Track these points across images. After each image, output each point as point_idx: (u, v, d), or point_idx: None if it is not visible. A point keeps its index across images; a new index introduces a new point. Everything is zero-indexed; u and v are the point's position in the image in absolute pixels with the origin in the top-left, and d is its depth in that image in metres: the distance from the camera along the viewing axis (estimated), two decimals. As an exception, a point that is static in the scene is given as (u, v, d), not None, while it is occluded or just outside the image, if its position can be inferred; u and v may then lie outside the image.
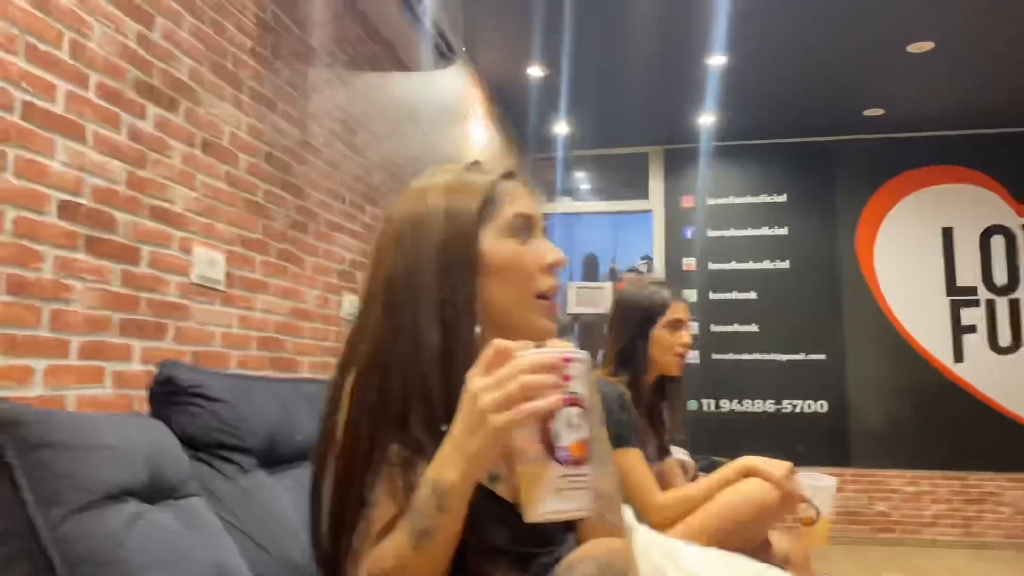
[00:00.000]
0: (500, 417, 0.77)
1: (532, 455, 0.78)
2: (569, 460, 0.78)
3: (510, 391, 0.77)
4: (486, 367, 0.81)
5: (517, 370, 0.78)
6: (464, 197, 0.97)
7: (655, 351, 2.03)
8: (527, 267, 0.97)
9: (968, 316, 5.50)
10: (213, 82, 2.09)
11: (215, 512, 1.27)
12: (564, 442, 0.78)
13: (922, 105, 5.21)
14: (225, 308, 2.12)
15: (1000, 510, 5.28)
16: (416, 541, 0.82)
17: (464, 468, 0.80)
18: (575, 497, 0.78)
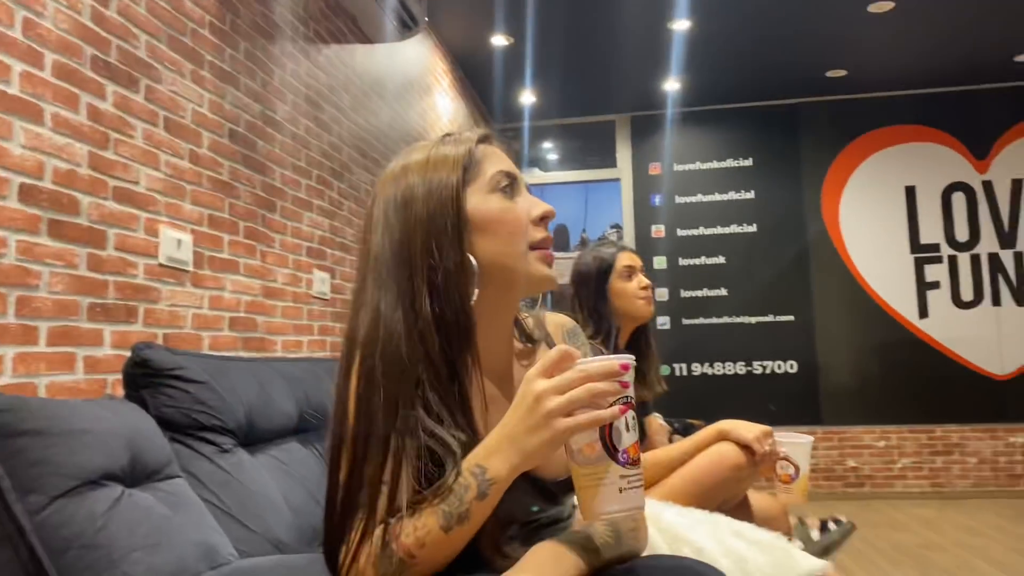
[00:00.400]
0: (567, 421, 0.80)
1: (592, 456, 0.82)
2: (628, 461, 0.82)
3: (578, 397, 0.79)
4: (547, 369, 0.83)
5: (584, 376, 0.80)
6: (444, 165, 0.97)
7: (620, 303, 2.11)
8: (517, 220, 0.97)
9: (931, 272, 5.61)
10: (172, 58, 2.05)
11: (197, 493, 1.26)
12: (624, 444, 0.82)
13: (883, 65, 5.25)
14: (195, 289, 2.09)
15: (966, 460, 5.43)
16: (449, 524, 0.83)
17: (517, 463, 0.83)
18: (634, 496, 0.82)
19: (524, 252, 0.97)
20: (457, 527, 0.84)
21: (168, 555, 1.03)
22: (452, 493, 0.84)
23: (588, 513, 0.83)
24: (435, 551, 0.85)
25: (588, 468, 0.82)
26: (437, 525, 0.84)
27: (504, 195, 0.98)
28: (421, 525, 0.84)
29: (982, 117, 5.64)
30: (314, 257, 2.84)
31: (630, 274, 2.14)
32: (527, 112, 5.95)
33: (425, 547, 0.84)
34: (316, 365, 1.95)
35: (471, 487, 0.84)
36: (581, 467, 0.83)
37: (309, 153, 2.86)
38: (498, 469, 0.83)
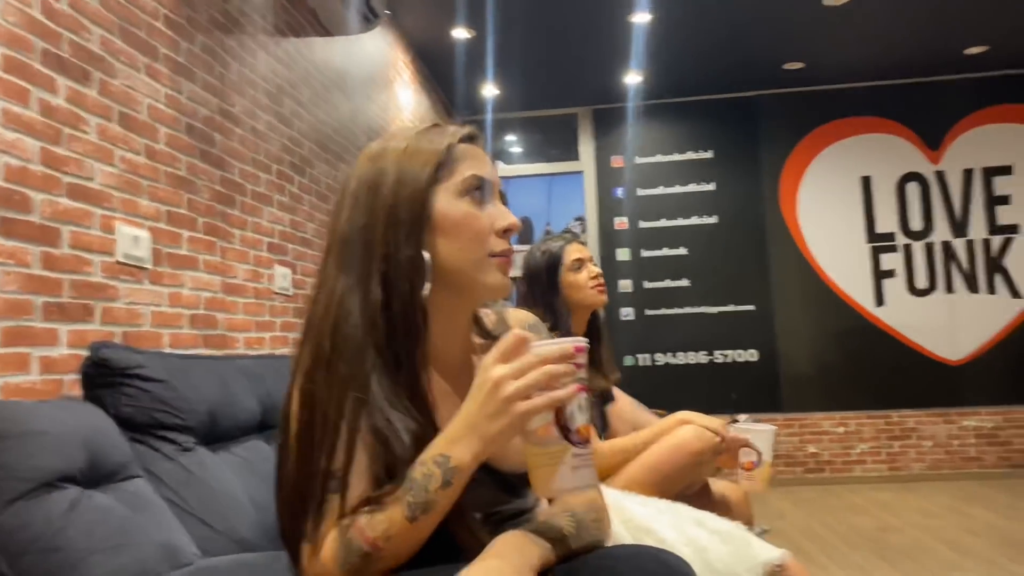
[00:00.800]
0: (525, 404, 0.81)
1: (546, 437, 0.84)
2: (580, 441, 0.84)
3: (534, 380, 0.81)
4: (503, 355, 0.84)
5: (539, 360, 0.82)
6: (419, 158, 0.96)
7: (572, 295, 2.14)
8: (480, 228, 0.97)
9: (887, 261, 5.73)
10: (126, 52, 2.01)
11: (158, 492, 1.25)
12: (576, 425, 0.84)
13: (839, 58, 5.34)
14: (153, 287, 2.07)
15: (922, 444, 5.57)
16: (414, 514, 0.84)
17: (479, 449, 0.84)
18: (585, 475, 0.85)
19: (481, 259, 0.97)
20: (422, 516, 0.85)
21: (129, 556, 1.03)
22: (416, 483, 0.85)
23: (542, 491, 0.86)
24: (400, 542, 0.86)
25: (542, 448, 0.84)
26: (402, 516, 0.85)
27: (472, 200, 0.97)
28: (386, 517, 0.85)
29: (935, 109, 5.76)
30: (275, 252, 2.81)
31: (579, 266, 2.16)
32: (489, 105, 5.94)
33: (391, 539, 0.85)
34: (279, 362, 1.94)
35: (435, 476, 0.84)
36: (535, 447, 0.85)
37: (269, 148, 2.83)
38: (461, 456, 0.84)
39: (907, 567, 3.35)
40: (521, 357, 0.84)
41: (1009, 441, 5.50)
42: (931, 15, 4.66)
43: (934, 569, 3.31)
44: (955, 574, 3.23)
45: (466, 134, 1.01)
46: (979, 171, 5.70)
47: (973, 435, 5.53)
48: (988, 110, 5.72)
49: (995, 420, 5.52)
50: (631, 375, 5.62)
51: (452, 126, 1.02)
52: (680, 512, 1.42)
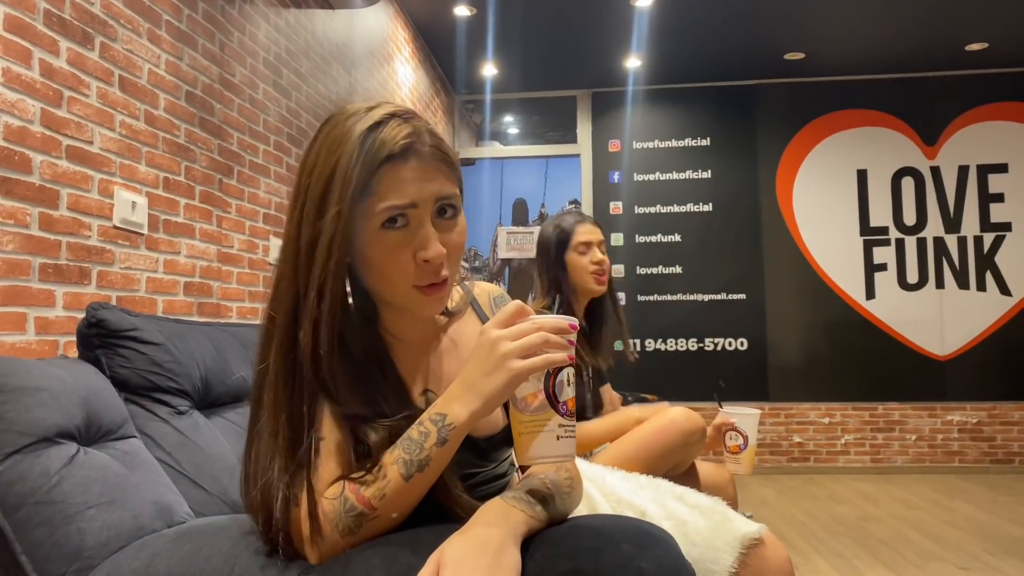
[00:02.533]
0: (521, 363, 0.84)
1: (534, 405, 0.88)
2: (566, 412, 0.89)
3: (531, 342, 0.85)
4: (503, 321, 0.88)
5: (536, 326, 0.86)
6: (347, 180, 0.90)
7: (573, 276, 2.15)
8: (399, 264, 0.93)
9: (880, 255, 5.76)
10: (129, 16, 2.00)
11: (152, 454, 1.27)
12: (564, 397, 0.88)
13: (840, 49, 5.34)
14: (149, 252, 2.07)
15: (905, 437, 5.63)
16: (409, 471, 0.87)
17: (476, 407, 0.87)
18: (568, 445, 0.89)
19: (407, 292, 0.95)
20: (417, 474, 0.87)
21: (124, 512, 1.04)
22: (412, 442, 0.88)
23: (524, 457, 0.89)
24: (395, 501, 0.87)
25: (529, 416, 0.88)
26: (397, 474, 0.87)
27: (393, 232, 0.92)
28: (381, 475, 0.87)
29: (933, 104, 5.78)
30: (271, 224, 2.82)
31: (586, 249, 2.17)
32: (488, 84, 5.93)
33: (385, 498, 0.87)
34: (273, 331, 1.95)
35: (431, 434, 0.87)
36: (522, 414, 0.88)
37: (267, 118, 2.82)
38: (457, 414, 0.87)
39: (887, 556, 3.40)
40: (519, 323, 0.87)
41: (992, 437, 5.56)
42: (933, 10, 4.66)
43: (913, 559, 3.36)
44: (933, 564, 3.28)
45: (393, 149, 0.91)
46: (974, 168, 5.72)
47: (957, 430, 5.59)
48: (986, 107, 5.74)
49: (979, 416, 5.58)
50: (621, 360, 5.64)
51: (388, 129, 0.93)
52: (661, 487, 1.45)
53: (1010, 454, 5.55)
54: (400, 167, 0.92)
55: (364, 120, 0.94)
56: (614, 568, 0.89)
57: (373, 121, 0.93)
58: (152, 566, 0.94)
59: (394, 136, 0.92)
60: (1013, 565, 3.23)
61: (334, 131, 0.95)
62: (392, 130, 0.92)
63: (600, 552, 0.90)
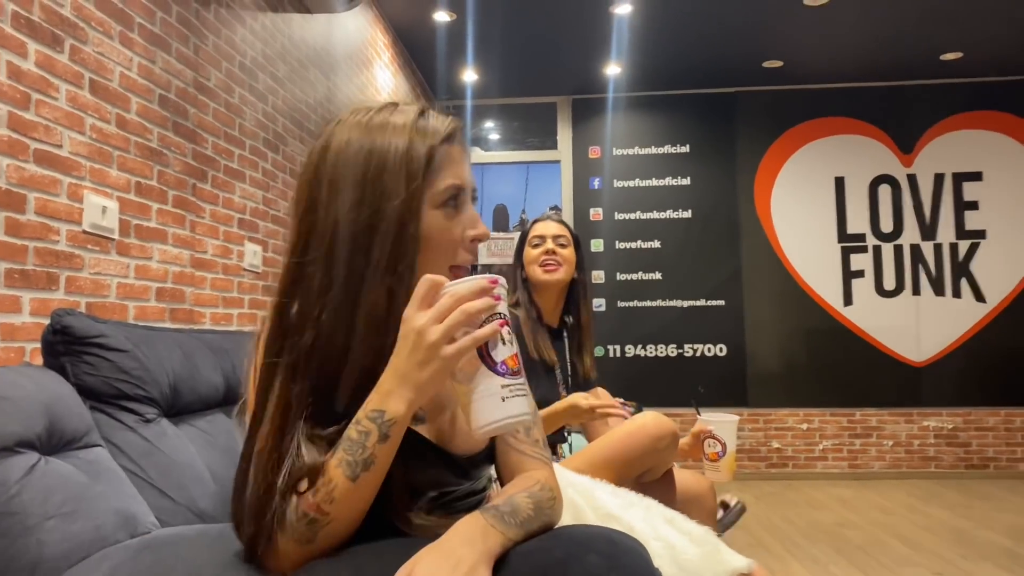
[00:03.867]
0: (450, 348, 0.83)
1: (472, 372, 0.86)
2: (507, 372, 0.86)
3: (455, 320, 0.83)
4: (421, 302, 0.85)
5: (455, 300, 0.84)
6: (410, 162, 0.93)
7: (527, 268, 2.23)
8: (451, 242, 0.96)
9: (857, 262, 5.81)
10: (100, 19, 1.98)
11: (118, 462, 1.24)
12: (501, 357, 0.86)
13: (818, 58, 5.39)
14: (120, 258, 2.04)
15: (882, 443, 5.67)
16: (355, 472, 0.85)
17: (412, 398, 0.85)
18: (517, 404, 0.86)
19: (442, 271, 0.95)
20: (363, 474, 0.85)
21: (85, 523, 1.02)
22: (353, 442, 0.86)
23: (475, 426, 0.86)
24: (345, 503, 0.85)
25: (471, 385, 0.86)
26: (343, 476, 0.85)
27: (447, 211, 0.96)
28: (327, 480, 0.85)
29: (909, 112, 5.84)
30: (246, 229, 2.79)
31: (538, 242, 2.24)
32: (469, 90, 5.93)
33: (335, 501, 0.85)
34: (245, 338, 1.93)
35: (372, 432, 0.85)
36: (463, 385, 0.87)
37: (243, 123, 2.80)
38: (396, 408, 0.85)
39: (863, 562, 3.42)
40: (438, 301, 0.85)
41: (968, 443, 5.61)
42: (909, 20, 4.71)
43: (888, 564, 3.37)
44: (908, 569, 3.29)
45: (448, 133, 0.97)
46: (950, 176, 5.79)
47: (933, 435, 5.64)
48: (961, 116, 5.81)
49: (955, 421, 5.63)
50: (601, 366, 5.64)
51: (434, 117, 0.98)
52: (652, 508, 1.43)
53: (985, 459, 5.60)
54: (452, 150, 0.97)
55: (404, 112, 0.97)
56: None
57: (417, 111, 0.98)
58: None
59: (443, 122, 0.98)
60: (987, 570, 3.26)
61: (371, 122, 0.96)
62: (438, 118, 0.98)
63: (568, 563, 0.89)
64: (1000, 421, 5.61)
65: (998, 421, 5.61)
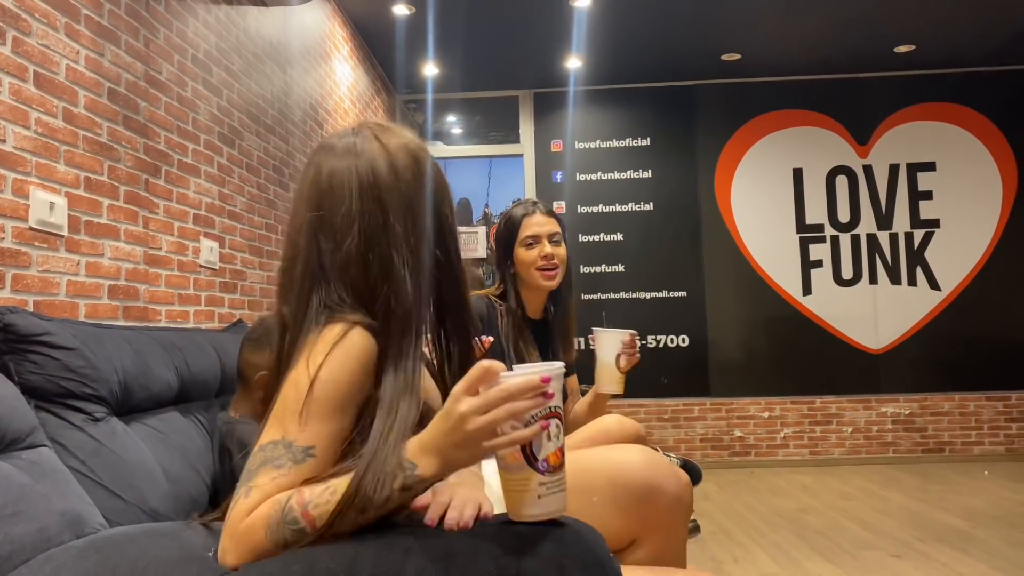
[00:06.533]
0: (489, 443, 0.85)
1: (514, 465, 0.87)
2: (547, 469, 0.87)
3: (497, 417, 0.83)
4: (470, 387, 0.85)
5: (504, 396, 0.84)
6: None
7: (521, 271, 2.13)
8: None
9: (815, 252, 5.89)
10: (44, 10, 1.93)
11: (65, 462, 1.22)
12: (544, 454, 0.87)
13: (774, 51, 5.45)
14: (70, 255, 2.00)
15: (842, 430, 5.76)
16: (367, 507, 0.86)
17: (442, 470, 0.87)
18: (553, 501, 0.88)
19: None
20: (373, 512, 0.87)
21: (28, 525, 1.00)
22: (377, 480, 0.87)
23: (511, 514, 0.90)
24: (340, 528, 0.86)
25: (511, 475, 0.88)
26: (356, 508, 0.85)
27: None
28: (332, 497, 0.86)
29: (864, 104, 5.93)
30: (202, 225, 2.75)
31: (532, 243, 2.14)
32: (430, 84, 5.89)
33: (333, 526, 0.85)
34: (198, 335, 1.90)
35: (397, 477, 0.87)
36: (504, 472, 0.89)
37: (197, 117, 2.76)
38: (426, 468, 0.87)
39: (823, 546, 3.47)
40: (487, 392, 0.85)
41: (924, 427, 5.73)
42: (862, 13, 4.78)
43: (848, 548, 3.43)
44: (867, 552, 3.36)
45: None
46: (904, 166, 5.89)
47: (891, 421, 5.75)
48: (914, 107, 5.91)
49: (911, 407, 5.74)
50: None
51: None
52: None
53: (941, 443, 5.73)
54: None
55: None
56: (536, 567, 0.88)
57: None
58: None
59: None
60: (943, 551, 3.33)
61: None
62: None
63: (522, 551, 0.89)
64: (955, 406, 5.73)
65: (953, 406, 5.73)
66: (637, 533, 1.21)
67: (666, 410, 5.77)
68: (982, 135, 5.87)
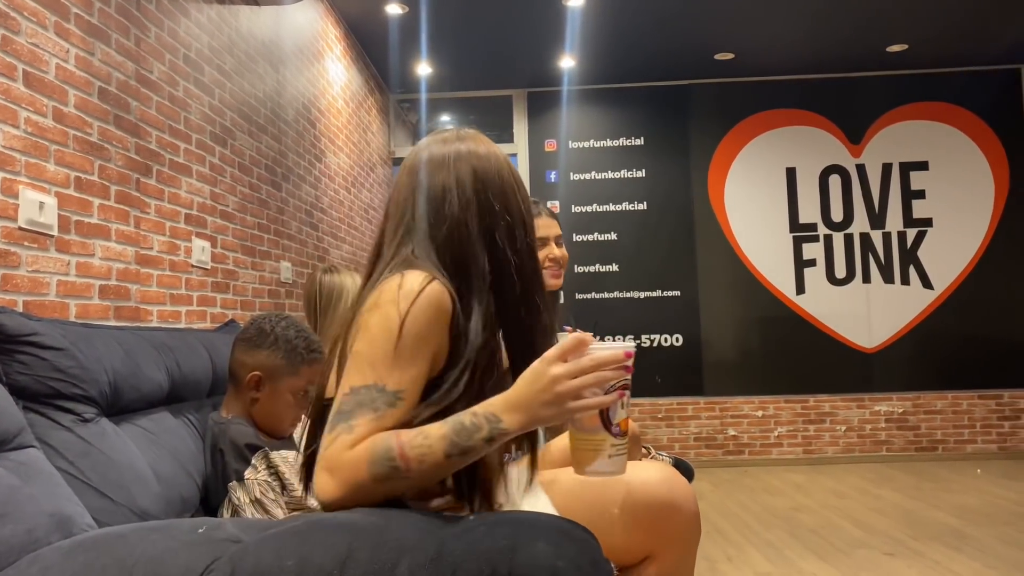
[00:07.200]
0: (575, 403, 0.95)
1: (590, 426, 0.98)
2: (619, 433, 0.99)
3: (587, 382, 0.94)
4: (563, 353, 0.96)
5: (594, 364, 0.95)
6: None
7: None
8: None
9: (809, 251, 5.90)
10: (33, 8, 1.92)
11: (54, 463, 1.21)
12: (617, 419, 0.98)
13: (769, 50, 5.45)
14: (60, 255, 1.99)
15: (835, 429, 5.77)
16: (452, 452, 0.94)
17: (527, 424, 0.96)
18: (619, 462, 1.00)
19: None
20: (458, 458, 0.95)
21: (16, 526, 0.99)
22: (464, 428, 0.95)
23: (580, 471, 1.00)
24: (429, 471, 0.95)
25: (585, 435, 0.99)
26: (442, 450, 0.94)
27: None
28: (427, 445, 0.94)
29: (857, 103, 5.94)
30: (194, 224, 2.74)
31: (540, 245, 2.15)
32: (423, 84, 5.89)
33: (424, 464, 0.94)
34: (190, 335, 1.89)
35: (483, 429, 0.95)
36: (579, 432, 0.99)
37: (189, 116, 2.74)
38: (511, 423, 0.95)
39: (817, 545, 3.48)
40: (579, 359, 0.96)
41: (917, 426, 5.75)
42: (855, 13, 4.79)
43: (841, 546, 3.44)
44: (860, 551, 3.36)
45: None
46: (897, 166, 5.91)
47: (884, 420, 5.76)
48: (907, 107, 5.93)
49: (905, 405, 5.76)
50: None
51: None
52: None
53: (934, 442, 5.74)
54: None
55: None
56: (529, 568, 0.88)
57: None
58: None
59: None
60: (936, 549, 3.34)
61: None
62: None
63: (515, 552, 0.89)
64: (947, 404, 5.75)
65: (945, 404, 5.75)
66: (652, 548, 1.24)
67: (660, 409, 5.77)
68: (974, 134, 5.89)
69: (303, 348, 1.75)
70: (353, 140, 5.00)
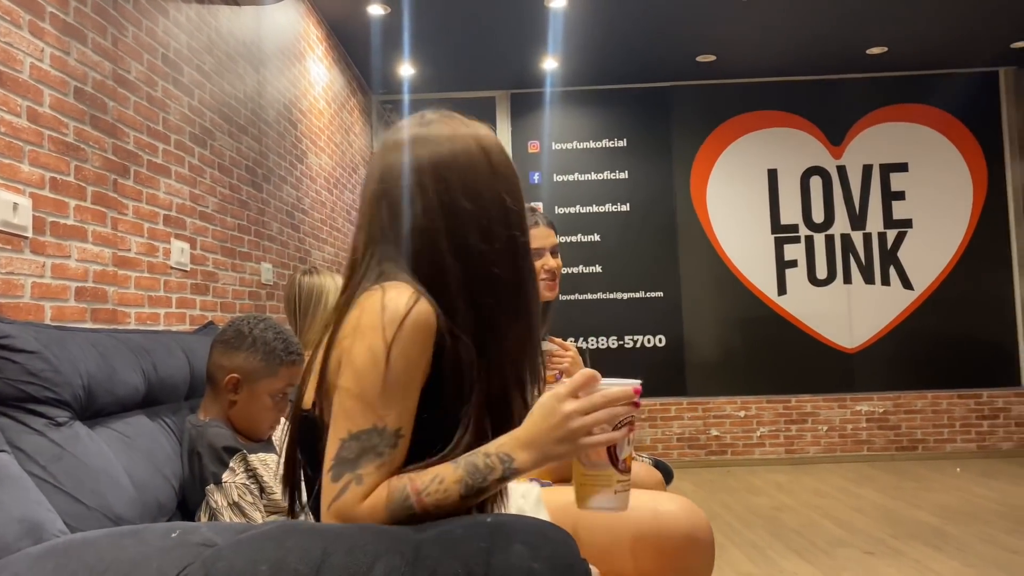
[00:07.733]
0: (587, 440, 0.95)
1: (597, 461, 0.99)
2: (624, 469, 1.00)
3: (599, 419, 0.95)
4: (574, 390, 0.97)
5: (605, 400, 0.96)
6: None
7: None
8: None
9: (790, 252, 5.94)
10: (7, 7, 1.89)
11: (25, 468, 1.19)
12: (623, 455, 0.99)
13: (750, 52, 5.48)
14: (35, 256, 1.96)
15: (817, 428, 5.81)
16: (468, 494, 0.94)
17: (539, 461, 0.96)
18: (623, 498, 1.00)
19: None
20: (473, 499, 0.95)
21: (-16, 532, 0.97)
22: (477, 470, 0.95)
23: (583, 505, 1.00)
24: (444, 513, 0.95)
25: (591, 470, 0.99)
26: (458, 493, 0.94)
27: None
28: (443, 490, 0.94)
29: (838, 105, 5.99)
30: (172, 226, 2.71)
31: (536, 256, 2.12)
32: (406, 85, 5.87)
33: (440, 509, 0.94)
34: (167, 337, 1.87)
35: (496, 469, 0.95)
36: (585, 467, 0.99)
37: (167, 116, 2.72)
38: (523, 462, 0.95)
39: (798, 544, 3.49)
40: (590, 395, 0.97)
41: (898, 425, 5.79)
42: (835, 15, 4.83)
43: (823, 546, 3.46)
44: (841, 550, 3.38)
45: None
46: (877, 167, 5.96)
47: (865, 419, 5.80)
48: (887, 109, 5.98)
49: (885, 405, 5.80)
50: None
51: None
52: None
53: (914, 441, 5.79)
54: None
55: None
56: (505, 569, 0.87)
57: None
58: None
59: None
60: (915, 547, 3.36)
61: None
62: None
63: (492, 553, 0.89)
64: (927, 404, 5.80)
65: (925, 404, 5.80)
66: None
67: (643, 410, 5.79)
68: (953, 136, 5.95)
69: (281, 350, 1.73)
70: (335, 141, 4.98)
